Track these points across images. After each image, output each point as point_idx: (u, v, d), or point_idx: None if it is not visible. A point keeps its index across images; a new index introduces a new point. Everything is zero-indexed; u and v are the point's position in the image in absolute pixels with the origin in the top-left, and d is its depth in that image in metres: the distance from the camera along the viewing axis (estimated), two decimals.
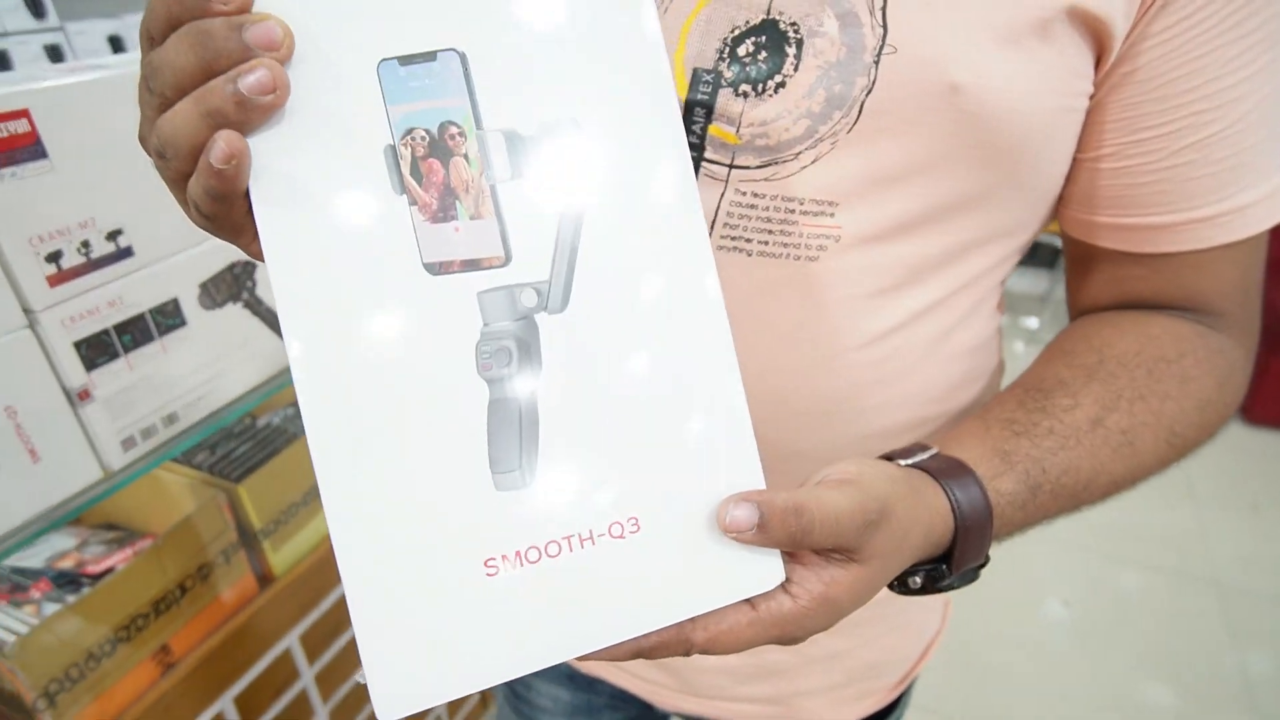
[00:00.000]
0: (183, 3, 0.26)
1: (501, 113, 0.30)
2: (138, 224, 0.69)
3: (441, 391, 0.30)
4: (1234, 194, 0.40)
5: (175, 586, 0.82)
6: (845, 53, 0.36)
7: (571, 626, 0.31)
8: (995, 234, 0.43)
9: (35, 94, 0.59)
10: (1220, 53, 0.37)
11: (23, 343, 0.62)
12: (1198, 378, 0.42)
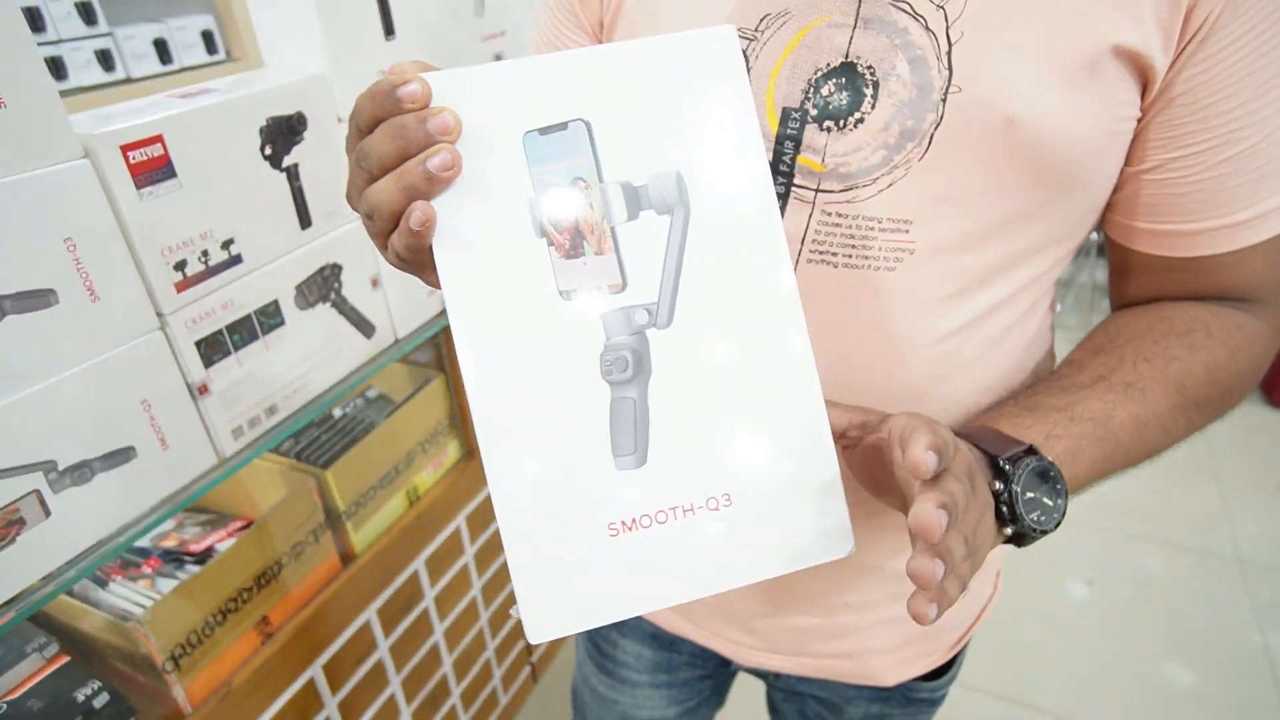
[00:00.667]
0: (383, 104, 0.34)
1: (619, 167, 0.37)
2: (245, 233, 0.76)
3: (574, 392, 0.37)
4: (1264, 199, 0.45)
5: (274, 563, 0.90)
6: (916, 93, 0.42)
7: (673, 580, 0.39)
8: (1049, 241, 0.48)
9: (167, 121, 0.66)
10: (1252, 78, 0.42)
11: (155, 343, 0.70)
12: (1207, 346, 0.48)
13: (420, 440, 1.09)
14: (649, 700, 0.74)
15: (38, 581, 0.65)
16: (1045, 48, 0.41)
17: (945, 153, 0.43)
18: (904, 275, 0.46)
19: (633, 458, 0.38)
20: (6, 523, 0.62)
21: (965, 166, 0.43)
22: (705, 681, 0.74)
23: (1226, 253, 0.47)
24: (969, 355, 0.49)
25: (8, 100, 0.56)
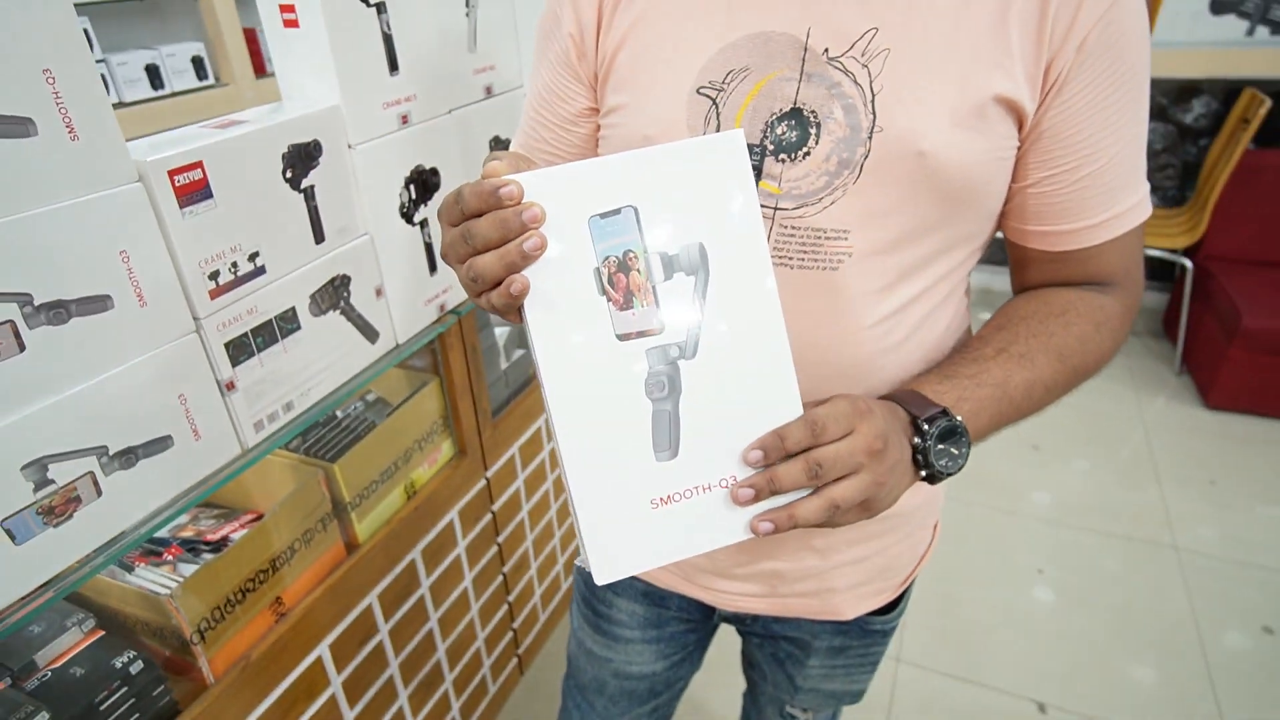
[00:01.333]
0: (486, 200, 0.46)
1: (658, 241, 0.49)
2: (268, 246, 0.85)
3: (626, 406, 0.50)
4: (1114, 205, 0.58)
5: (286, 549, 0.98)
6: (849, 132, 0.54)
7: (694, 538, 0.52)
8: (958, 242, 0.60)
9: (206, 149, 0.76)
10: (1096, 117, 0.55)
11: (191, 344, 0.79)
12: (1078, 322, 0.60)
13: (417, 438, 1.18)
14: (640, 655, 0.84)
15: (91, 552, 0.73)
16: (945, 98, 0.53)
17: (873, 178, 0.55)
18: (845, 273, 0.57)
19: (668, 453, 0.51)
20: (66, 499, 0.70)
21: (888, 188, 0.55)
22: (690, 635, 0.84)
23: (1090, 246, 0.60)
24: (901, 334, 0.61)
25: (80, 134, 0.65)
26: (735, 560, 0.71)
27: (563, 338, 0.49)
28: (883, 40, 0.54)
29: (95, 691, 0.80)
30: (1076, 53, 0.53)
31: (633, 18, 0.61)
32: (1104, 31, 0.53)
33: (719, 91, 0.58)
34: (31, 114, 0.63)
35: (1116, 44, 0.53)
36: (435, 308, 1.14)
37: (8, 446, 0.65)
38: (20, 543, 0.68)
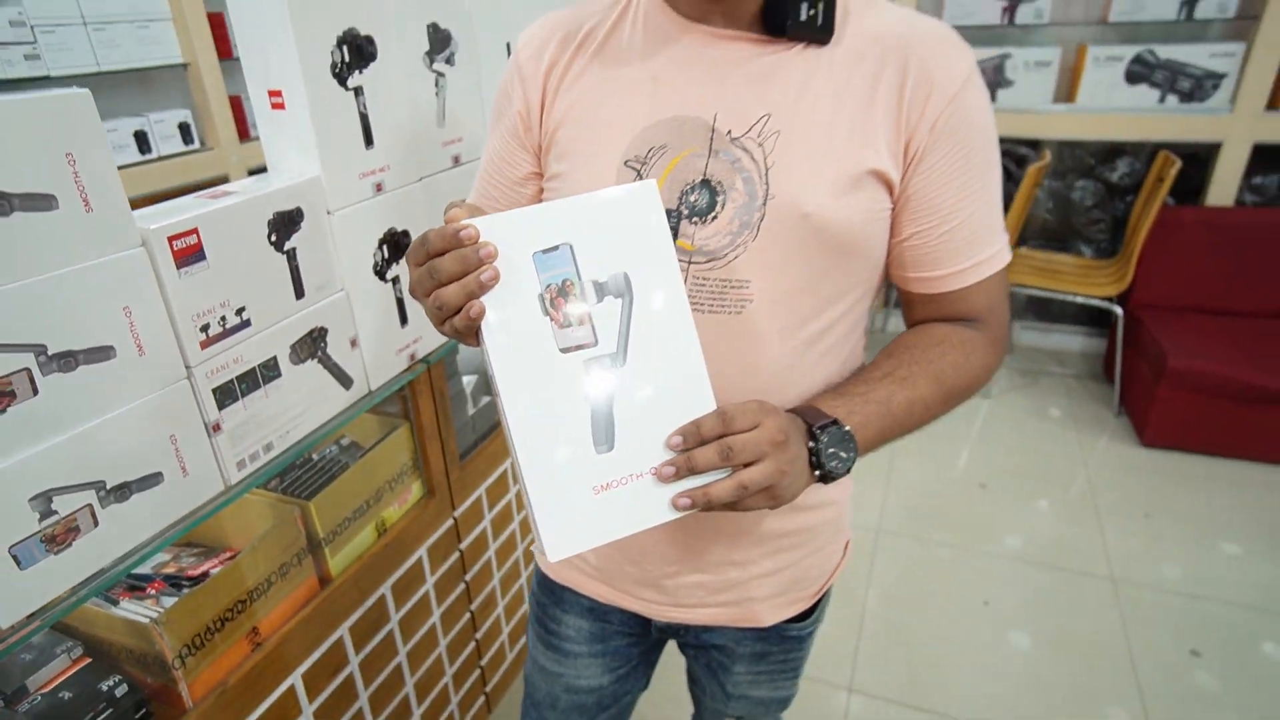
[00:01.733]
0: (449, 240, 0.57)
1: (591, 270, 0.60)
2: (254, 302, 0.95)
3: (570, 408, 0.60)
4: (974, 255, 0.70)
5: (263, 581, 1.06)
6: (748, 199, 0.66)
7: (631, 518, 0.62)
8: (848, 289, 0.72)
9: (201, 217, 0.87)
10: (951, 184, 0.67)
11: (183, 389, 0.88)
12: (951, 352, 0.72)
13: (388, 479, 1.27)
14: (587, 669, 0.92)
15: (87, 578, 0.80)
16: (824, 171, 0.65)
17: (768, 236, 0.66)
18: (749, 316, 0.69)
19: (606, 446, 0.61)
20: (67, 529, 0.78)
21: (781, 245, 0.67)
22: (633, 649, 0.92)
23: (958, 289, 0.72)
24: (800, 370, 0.72)
25: (94, 206, 0.76)
26: (665, 572, 0.80)
27: (514, 353, 0.59)
28: (774, 125, 0.66)
29: (83, 714, 0.86)
30: (929, 133, 0.66)
31: (571, 100, 0.73)
32: (950, 116, 0.66)
33: (643, 164, 0.70)
34: (54, 191, 0.73)
35: (962, 127, 0.66)
36: (406, 357, 1.24)
37: (19, 479, 0.73)
38: (25, 568, 0.75)
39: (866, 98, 0.65)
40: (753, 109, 0.66)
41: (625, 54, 0.72)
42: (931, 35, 0.67)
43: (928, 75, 0.65)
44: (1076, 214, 3.09)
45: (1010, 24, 2.84)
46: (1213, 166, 2.71)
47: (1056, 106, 2.87)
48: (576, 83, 0.73)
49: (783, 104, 0.66)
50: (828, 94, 0.66)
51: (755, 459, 0.60)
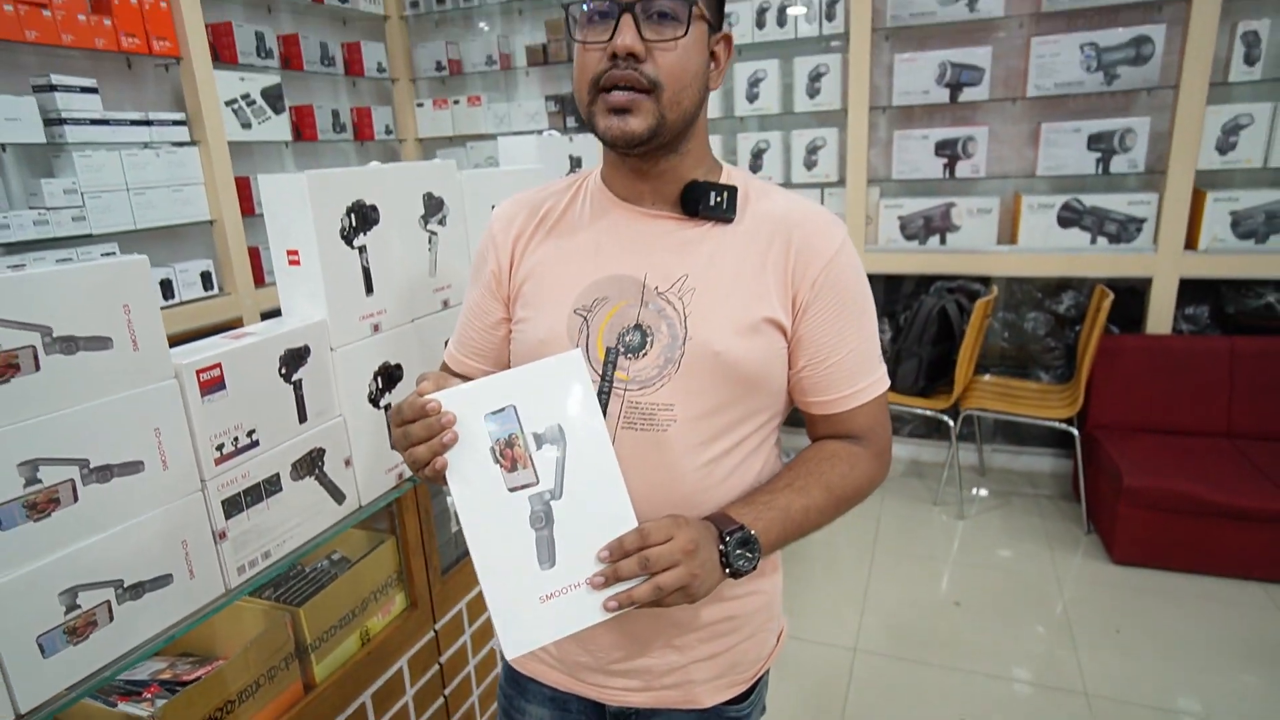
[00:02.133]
0: (419, 412, 0.75)
1: (531, 424, 0.77)
2: (263, 425, 1.11)
3: (519, 536, 0.75)
4: (855, 384, 0.87)
5: (253, 683, 1.14)
6: (671, 339, 0.83)
7: (573, 620, 0.75)
8: (756, 412, 0.87)
9: (225, 354, 1.04)
10: (830, 328, 0.85)
11: (197, 500, 1.02)
12: (839, 465, 0.86)
13: (373, 589, 1.37)
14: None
15: (101, 667, 0.91)
16: (730, 319, 0.82)
17: (688, 370, 0.83)
18: (672, 434, 0.84)
19: (549, 564, 0.75)
20: (86, 623, 0.90)
21: (698, 376, 0.83)
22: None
23: (844, 411, 0.87)
24: (717, 477, 0.86)
25: (141, 346, 0.93)
26: (614, 659, 0.91)
27: (472, 495, 0.75)
28: (691, 282, 0.84)
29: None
30: (810, 290, 0.84)
31: (533, 263, 0.92)
32: (826, 276, 0.84)
33: (589, 312, 0.87)
34: (111, 334, 0.91)
35: (836, 284, 0.85)
36: (394, 476, 1.38)
37: (55, 576, 0.86)
38: (47, 656, 0.87)
39: (761, 263, 0.84)
40: (674, 270, 0.85)
41: (575, 226, 0.92)
42: (811, 216, 0.87)
43: (808, 246, 0.84)
44: (1032, 343, 3.31)
45: (951, 177, 3.18)
46: (1148, 299, 2.95)
47: (1001, 247, 3.15)
48: (538, 249, 0.93)
49: (697, 267, 0.85)
50: (732, 260, 0.85)
51: (670, 566, 0.74)
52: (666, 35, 0.77)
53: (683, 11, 0.77)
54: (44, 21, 2.42)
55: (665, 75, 0.78)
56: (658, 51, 0.77)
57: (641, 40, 0.76)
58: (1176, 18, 2.79)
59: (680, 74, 0.79)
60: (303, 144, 3.61)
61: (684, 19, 0.77)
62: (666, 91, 0.78)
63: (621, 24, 0.76)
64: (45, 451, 0.85)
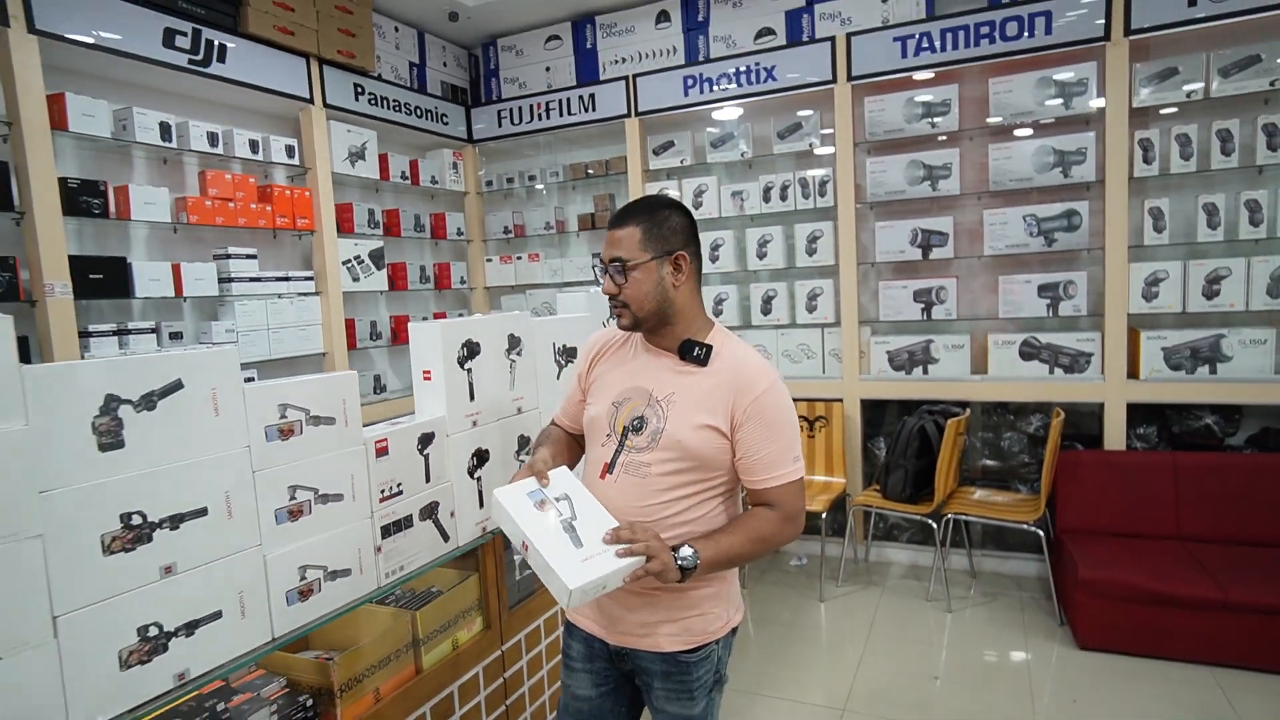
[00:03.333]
0: (537, 473, 1.43)
1: (557, 495, 1.40)
2: (406, 481, 1.73)
3: (561, 536, 1.34)
4: (770, 473, 1.43)
5: (385, 658, 1.69)
6: (657, 427, 1.44)
7: (601, 565, 1.30)
8: (704, 478, 1.44)
9: (390, 432, 1.68)
10: (756, 436, 1.42)
11: (368, 524, 1.62)
12: (755, 521, 1.42)
13: (461, 610, 1.92)
14: (582, 682, 1.53)
15: (315, 619, 1.49)
16: (690, 422, 1.43)
17: (663, 445, 1.43)
18: (649, 480, 1.43)
19: (580, 546, 1.32)
20: (309, 589, 1.49)
21: (668, 450, 1.42)
22: (610, 671, 1.52)
23: (762, 489, 1.44)
24: (673, 511, 1.42)
25: (349, 423, 1.58)
26: (615, 616, 1.46)
27: (535, 522, 1.34)
28: (675, 397, 1.45)
29: (290, 711, 1.48)
30: (743, 414, 1.43)
31: (599, 373, 1.56)
32: (752, 407, 1.42)
33: (619, 405, 1.49)
34: (335, 415, 1.56)
35: (761, 414, 1.42)
36: (480, 528, 1.97)
37: (298, 557, 1.47)
38: (290, 605, 1.45)
39: (716, 393, 1.44)
40: (668, 389, 1.46)
41: (624, 357, 1.55)
42: (750, 367, 1.46)
43: (744, 388, 1.43)
44: (1009, 459, 3.79)
45: (929, 319, 3.81)
46: (1103, 420, 3.45)
47: (974, 376, 3.72)
48: (602, 365, 1.57)
49: (680, 389, 1.45)
50: (700, 389, 1.44)
51: (647, 539, 1.31)
52: (621, 280, 1.42)
53: (629, 265, 1.41)
54: (228, 210, 3.31)
55: (629, 298, 1.43)
56: (624, 286, 1.42)
57: (614, 284, 1.43)
58: (1097, 195, 3.47)
59: (637, 295, 1.42)
60: (394, 293, 4.45)
61: (631, 268, 1.41)
62: (632, 305, 1.43)
63: (606, 276, 1.44)
64: (299, 481, 1.48)
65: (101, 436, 1.18)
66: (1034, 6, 3.42)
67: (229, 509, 1.35)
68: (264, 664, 1.59)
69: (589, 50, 4.53)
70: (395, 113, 4.23)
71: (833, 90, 3.83)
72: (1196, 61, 3.24)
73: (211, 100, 3.40)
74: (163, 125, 3.05)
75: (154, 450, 1.24)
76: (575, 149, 4.78)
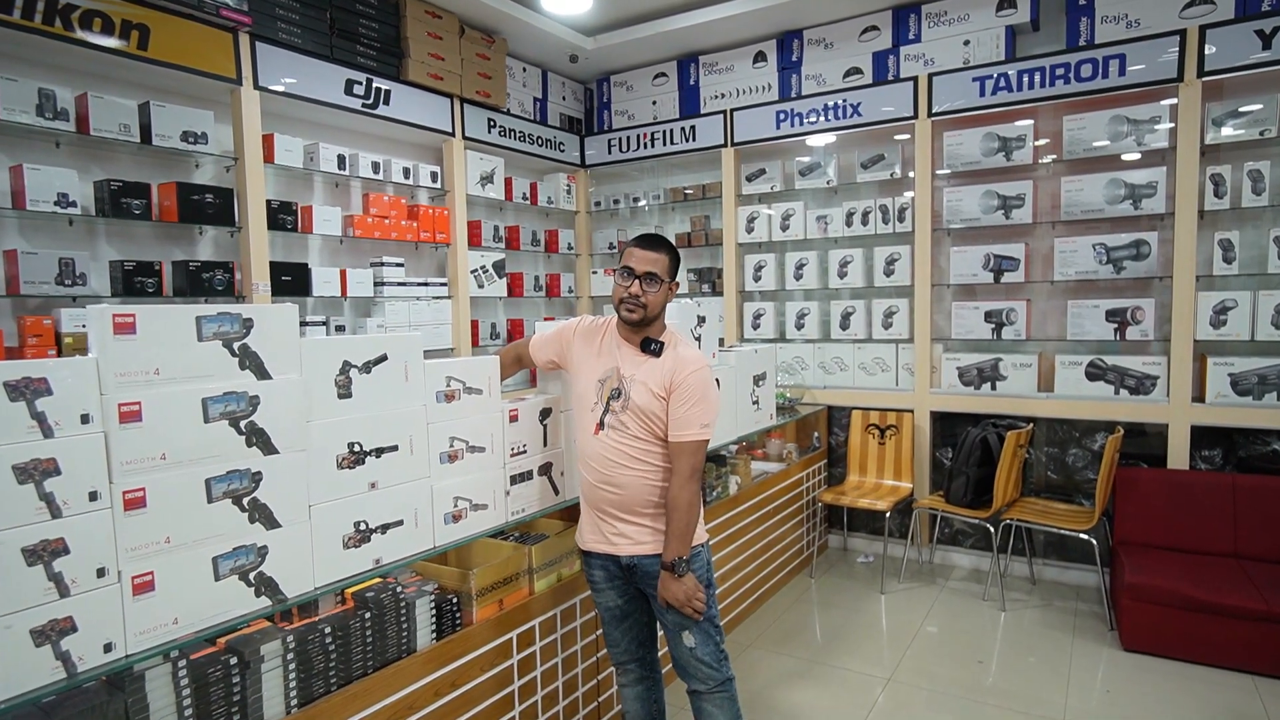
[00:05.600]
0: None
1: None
2: (529, 442, 2.24)
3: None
4: (683, 429, 1.90)
5: (508, 578, 2.20)
6: (626, 397, 1.93)
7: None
8: (658, 430, 1.92)
9: (520, 405, 2.20)
10: (678, 403, 1.90)
11: (501, 472, 2.14)
12: (673, 501, 1.90)
13: (564, 552, 2.41)
14: (606, 595, 2.04)
15: (466, 536, 2.02)
16: (645, 393, 1.91)
17: (632, 410, 1.92)
18: (630, 434, 1.91)
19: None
20: (459, 513, 2.01)
21: (635, 413, 1.91)
22: (629, 584, 2.01)
23: (676, 441, 1.91)
24: (639, 451, 1.91)
25: (491, 393, 2.10)
26: (611, 529, 1.94)
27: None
28: (636, 375, 1.93)
29: (441, 604, 2.01)
30: (673, 384, 1.90)
31: (578, 349, 2.07)
32: (680, 381, 1.89)
33: (603, 382, 1.97)
34: (482, 387, 2.09)
35: (684, 385, 1.89)
36: None
37: (454, 490, 2.00)
38: (446, 524, 1.98)
39: (661, 373, 1.91)
40: (631, 370, 1.94)
41: (596, 344, 2.03)
42: (685, 357, 1.93)
43: (679, 367, 1.90)
44: (1073, 474, 3.98)
45: (998, 339, 4.05)
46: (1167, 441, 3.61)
47: (1040, 394, 3.94)
48: (581, 344, 2.06)
49: (640, 371, 1.93)
50: (656, 370, 1.92)
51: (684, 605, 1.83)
52: (651, 289, 1.91)
53: (659, 281, 1.91)
54: (384, 226, 3.99)
55: (648, 302, 1.92)
56: (649, 294, 1.91)
57: (642, 289, 1.90)
58: (1167, 226, 3.65)
59: (653, 302, 1.92)
60: (512, 299, 5.07)
61: (659, 284, 1.91)
62: (648, 308, 1.92)
63: (636, 281, 1.91)
64: (456, 434, 2.02)
65: (339, 389, 1.74)
66: (1109, 50, 3.65)
67: (411, 447, 1.90)
68: (422, 570, 2.13)
69: (692, 86, 5.02)
70: (520, 142, 4.85)
71: (914, 125, 4.16)
72: (1269, 100, 3.40)
73: (375, 135, 4.10)
74: (339, 156, 3.75)
75: (369, 401, 1.80)
76: (676, 174, 5.27)
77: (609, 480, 1.95)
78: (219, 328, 1.49)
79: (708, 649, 1.96)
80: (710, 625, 1.96)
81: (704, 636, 1.95)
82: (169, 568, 1.41)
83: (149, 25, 2.87)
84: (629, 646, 2.12)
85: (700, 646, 1.95)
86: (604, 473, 1.96)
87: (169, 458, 1.41)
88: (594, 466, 1.98)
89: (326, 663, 1.70)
